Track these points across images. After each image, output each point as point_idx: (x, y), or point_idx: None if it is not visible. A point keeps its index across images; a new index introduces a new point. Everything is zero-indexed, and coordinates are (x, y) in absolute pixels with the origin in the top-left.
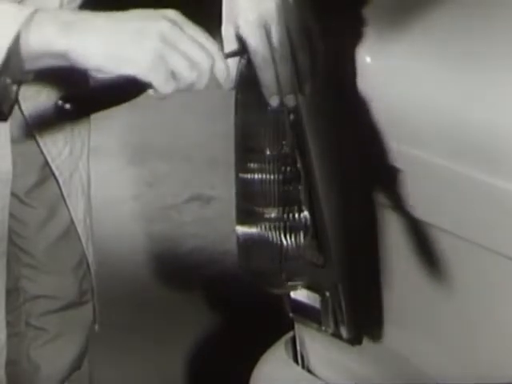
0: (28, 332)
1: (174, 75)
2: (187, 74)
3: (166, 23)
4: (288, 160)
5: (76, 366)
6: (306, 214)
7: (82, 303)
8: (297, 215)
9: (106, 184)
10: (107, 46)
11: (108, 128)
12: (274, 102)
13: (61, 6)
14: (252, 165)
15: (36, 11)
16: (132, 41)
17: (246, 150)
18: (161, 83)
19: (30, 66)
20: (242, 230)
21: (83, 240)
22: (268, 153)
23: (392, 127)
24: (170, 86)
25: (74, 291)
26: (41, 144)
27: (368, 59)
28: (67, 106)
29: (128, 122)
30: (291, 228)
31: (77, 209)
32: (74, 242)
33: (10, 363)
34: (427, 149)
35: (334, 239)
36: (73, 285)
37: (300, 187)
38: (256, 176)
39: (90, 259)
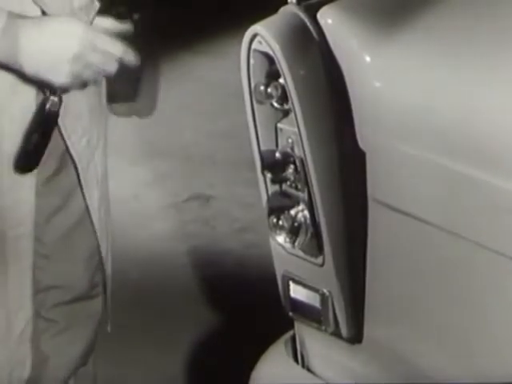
0: (39, 323)
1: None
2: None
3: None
4: (290, 159)
5: (83, 361)
6: (306, 213)
7: (92, 296)
8: (296, 215)
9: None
10: None
11: (108, 128)
12: None
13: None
14: None
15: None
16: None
17: None
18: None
19: None
20: None
21: (97, 229)
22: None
23: (392, 126)
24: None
25: (85, 282)
26: (62, 129)
27: (368, 59)
28: None
29: (128, 122)
30: (291, 228)
31: (92, 198)
32: (87, 233)
33: None
34: (427, 148)
35: (334, 239)
36: (84, 276)
37: (300, 188)
38: None
39: (104, 252)
